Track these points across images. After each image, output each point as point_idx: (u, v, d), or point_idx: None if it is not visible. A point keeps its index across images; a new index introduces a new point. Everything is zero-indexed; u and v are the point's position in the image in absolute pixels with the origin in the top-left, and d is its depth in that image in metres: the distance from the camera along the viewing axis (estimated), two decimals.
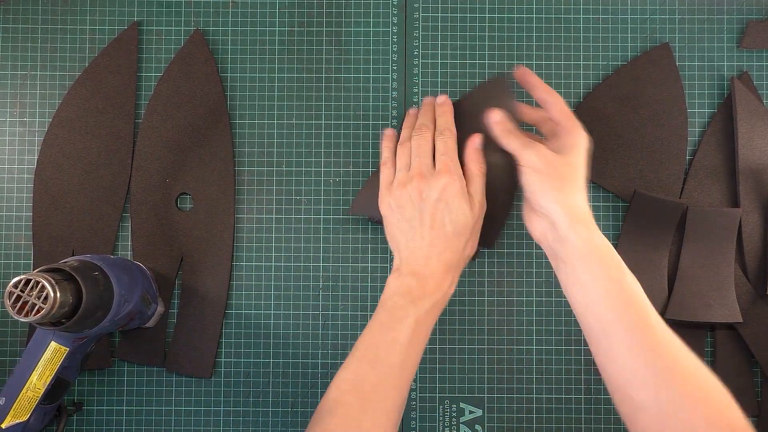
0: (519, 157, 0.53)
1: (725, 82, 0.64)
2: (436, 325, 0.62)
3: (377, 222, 0.62)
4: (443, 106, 0.58)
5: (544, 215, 0.52)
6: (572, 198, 0.51)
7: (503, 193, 0.58)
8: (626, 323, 0.47)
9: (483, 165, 0.55)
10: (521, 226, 0.59)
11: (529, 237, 0.55)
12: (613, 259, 0.49)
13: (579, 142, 0.53)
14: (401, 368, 0.50)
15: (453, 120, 0.57)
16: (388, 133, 0.60)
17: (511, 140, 0.54)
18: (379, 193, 0.57)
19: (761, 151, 0.62)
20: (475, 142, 0.55)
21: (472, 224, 0.54)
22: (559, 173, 0.51)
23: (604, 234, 0.63)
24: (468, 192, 0.54)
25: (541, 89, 0.56)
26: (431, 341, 0.63)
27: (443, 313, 0.63)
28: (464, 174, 0.55)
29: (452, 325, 0.63)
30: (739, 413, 0.44)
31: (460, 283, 0.63)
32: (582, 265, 0.49)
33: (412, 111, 0.61)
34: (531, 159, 0.52)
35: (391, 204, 0.55)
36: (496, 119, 0.55)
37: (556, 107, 0.55)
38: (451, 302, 0.63)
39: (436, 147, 0.55)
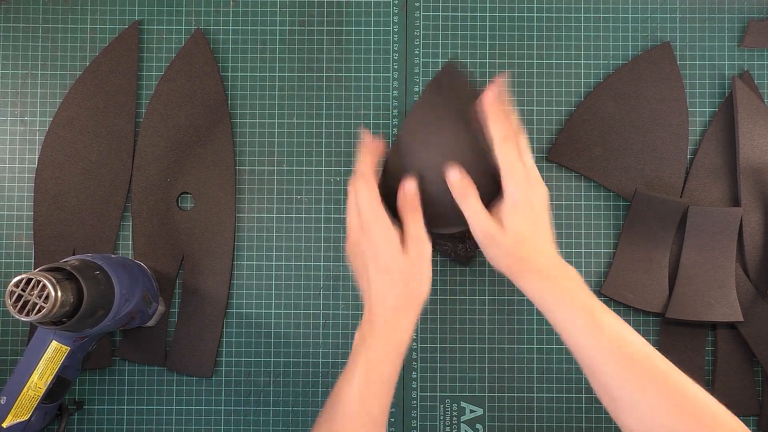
0: (470, 226, 0.52)
1: (726, 81, 0.64)
2: (437, 324, 0.63)
3: None
4: (367, 146, 0.54)
5: None
6: (521, 266, 0.51)
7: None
8: (620, 366, 0.47)
9: (417, 209, 0.52)
10: None
11: None
12: (577, 302, 0.49)
13: (517, 204, 0.50)
14: (360, 414, 0.49)
15: (371, 163, 0.53)
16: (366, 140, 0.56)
17: (465, 206, 0.51)
18: None
19: (762, 150, 0.62)
20: (407, 186, 0.52)
21: (406, 269, 0.51)
22: (504, 251, 0.51)
23: (605, 233, 0.63)
24: (404, 237, 0.52)
25: (494, 125, 0.51)
26: (432, 340, 0.63)
27: (444, 313, 0.63)
28: (401, 219, 0.52)
29: (452, 324, 0.63)
30: (721, 410, 0.45)
31: (461, 282, 0.63)
32: (551, 314, 0.50)
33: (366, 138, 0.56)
34: (476, 234, 0.52)
35: (347, 257, 0.55)
36: (453, 179, 0.51)
37: (498, 151, 0.51)
38: (452, 301, 0.63)
39: (359, 200, 0.52)
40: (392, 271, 0.51)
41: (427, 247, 0.52)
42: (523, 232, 0.51)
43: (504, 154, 0.51)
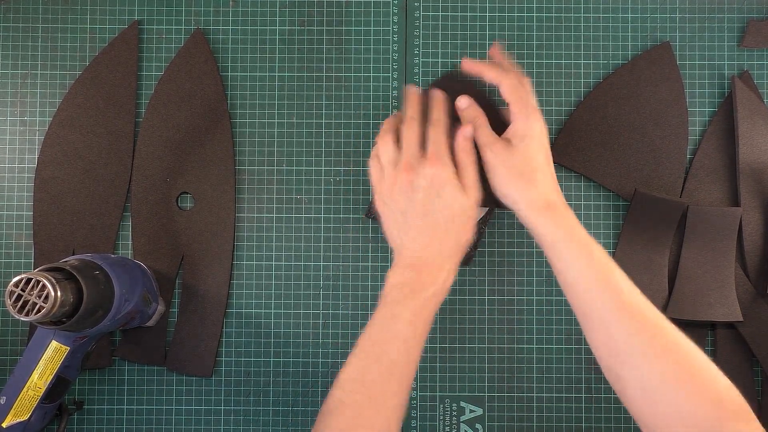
0: (481, 154, 0.54)
1: (726, 81, 0.64)
2: (436, 324, 0.63)
3: None
4: (435, 99, 0.57)
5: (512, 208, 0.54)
6: (530, 190, 0.52)
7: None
8: (605, 303, 0.48)
9: (473, 154, 0.54)
10: (520, 224, 0.58)
11: (528, 235, 0.55)
12: (580, 242, 0.51)
13: (528, 131, 0.53)
14: (404, 363, 0.49)
15: (445, 113, 0.56)
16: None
17: (478, 134, 0.54)
18: (373, 190, 0.56)
19: (762, 150, 0.62)
20: (465, 131, 0.54)
21: (466, 209, 0.52)
22: (515, 170, 0.53)
23: (605, 233, 0.63)
24: (460, 181, 0.53)
25: (490, 73, 0.55)
26: (431, 340, 0.63)
27: (443, 313, 0.63)
28: (456, 163, 0.54)
29: (452, 324, 0.63)
30: (726, 384, 0.45)
31: (461, 282, 0.63)
32: (553, 251, 0.51)
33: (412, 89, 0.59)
34: (488, 158, 0.53)
35: (384, 199, 0.54)
36: (462, 105, 0.55)
37: (506, 90, 0.54)
38: (452, 301, 0.63)
39: (429, 137, 0.54)
40: (452, 211, 0.52)
41: (479, 194, 0.54)
42: (532, 152, 0.53)
43: (515, 92, 0.54)
